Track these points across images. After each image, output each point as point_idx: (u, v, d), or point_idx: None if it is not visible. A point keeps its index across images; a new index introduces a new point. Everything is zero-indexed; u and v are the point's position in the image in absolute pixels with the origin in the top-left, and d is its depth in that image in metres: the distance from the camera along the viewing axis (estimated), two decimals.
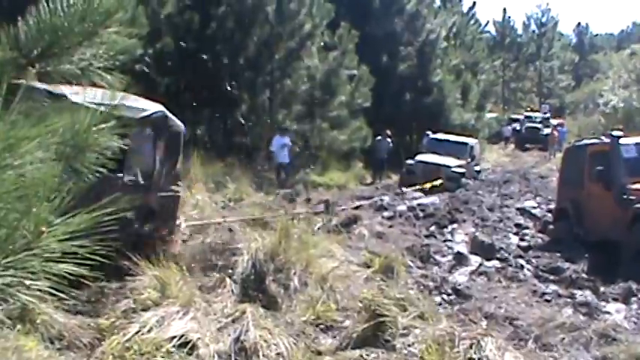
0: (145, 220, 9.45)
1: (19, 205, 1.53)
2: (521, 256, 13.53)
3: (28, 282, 1.62)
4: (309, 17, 25.58)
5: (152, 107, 9.86)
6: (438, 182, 24.66)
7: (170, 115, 10.23)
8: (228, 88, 24.74)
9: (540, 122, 50.85)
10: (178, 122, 10.54)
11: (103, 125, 2.97)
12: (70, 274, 1.69)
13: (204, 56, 24.46)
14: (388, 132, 30.47)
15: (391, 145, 30.55)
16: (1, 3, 15.67)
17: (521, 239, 15.63)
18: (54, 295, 2.02)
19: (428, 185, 23.94)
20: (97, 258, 1.79)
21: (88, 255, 1.72)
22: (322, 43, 27.41)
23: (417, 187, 23.74)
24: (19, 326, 6.29)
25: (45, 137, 1.67)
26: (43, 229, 1.55)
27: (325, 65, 26.88)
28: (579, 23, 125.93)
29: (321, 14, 26.21)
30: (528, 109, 59.41)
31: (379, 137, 30.11)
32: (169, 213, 10.33)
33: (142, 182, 9.43)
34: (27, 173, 1.53)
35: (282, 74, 25.72)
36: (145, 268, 8.27)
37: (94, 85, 3.03)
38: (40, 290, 1.76)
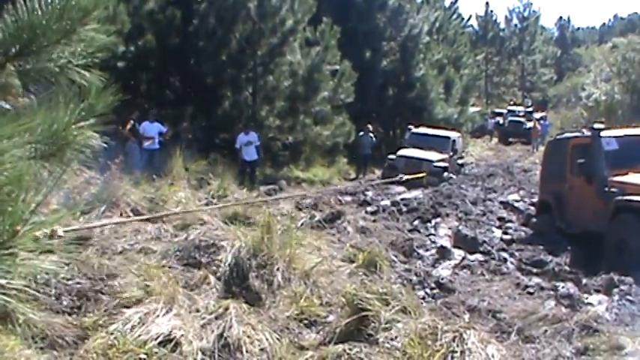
0: None
1: None
2: (504, 250, 13.58)
3: (3, 281, 1.61)
4: (290, 13, 25.55)
5: None
6: (420, 175, 24.67)
7: None
8: (211, 85, 24.69)
9: (523, 116, 51.05)
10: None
11: (83, 123, 2.98)
12: (47, 273, 1.69)
13: (186, 53, 24.41)
14: (370, 127, 30.48)
15: (374, 140, 30.59)
16: None
17: (505, 233, 15.70)
18: (34, 294, 2.02)
19: (407, 177, 23.84)
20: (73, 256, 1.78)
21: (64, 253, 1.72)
22: (304, 39, 27.38)
23: (396, 179, 23.62)
24: (0, 326, 6.27)
25: (20, 136, 1.66)
26: (19, 227, 1.55)
27: (308, 61, 26.85)
28: (561, 17, 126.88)
29: (303, 10, 26.18)
30: (511, 102, 59.64)
31: (362, 133, 30.13)
32: None
33: None
34: (1, 172, 1.52)
35: (264, 70, 25.69)
36: (127, 266, 8.27)
37: (73, 82, 3.02)
38: (17, 290, 1.76)
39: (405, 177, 23.53)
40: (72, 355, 6.42)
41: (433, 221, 16.34)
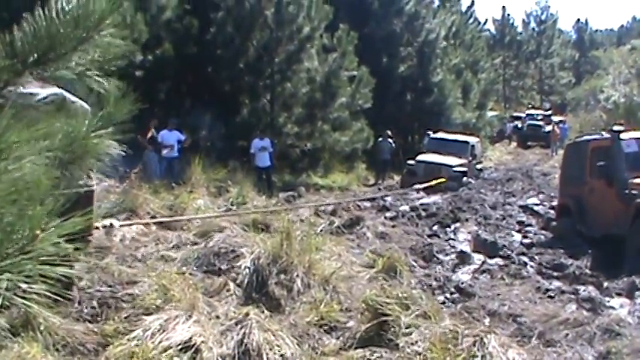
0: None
1: (13, 208, 1.54)
2: (524, 254, 13.51)
3: (24, 285, 1.63)
4: (307, 20, 25.59)
5: (50, 90, 9.89)
6: (440, 180, 24.67)
7: (71, 96, 10.25)
8: (229, 93, 24.76)
9: (542, 119, 50.81)
10: (83, 104, 10.58)
11: (102, 131, 3.00)
12: (67, 277, 1.70)
13: (204, 61, 24.50)
14: (389, 132, 30.46)
15: (393, 145, 30.54)
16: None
17: (524, 236, 15.63)
18: (56, 300, 2.04)
19: (432, 183, 23.93)
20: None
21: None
22: (322, 46, 27.41)
23: (421, 186, 23.70)
24: (22, 333, 6.31)
25: (37, 141, 1.68)
26: (38, 232, 1.56)
27: (325, 67, 26.88)
28: (579, 19, 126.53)
29: (320, 17, 26.21)
30: (530, 106, 59.38)
31: (380, 138, 30.11)
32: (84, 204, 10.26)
33: None
34: (20, 177, 1.54)
35: (282, 77, 25.73)
36: (147, 274, 8.30)
37: (91, 90, 3.05)
38: (37, 294, 1.77)
39: (423, 185, 23.60)
40: None
41: (452, 226, 16.31)
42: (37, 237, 1.57)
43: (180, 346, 6.52)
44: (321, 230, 13.80)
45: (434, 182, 24.11)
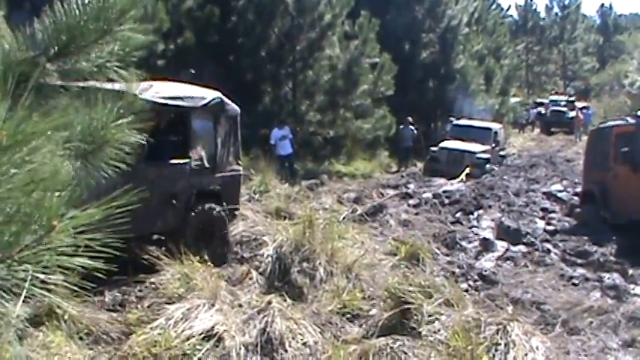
0: (208, 201, 10.17)
1: (30, 199, 1.55)
2: (547, 241, 13.43)
3: (42, 276, 1.64)
4: (328, 7, 25.50)
5: (210, 95, 10.66)
6: (467, 170, 24.69)
7: (226, 99, 10.87)
8: (251, 81, 24.76)
9: (565, 105, 50.43)
10: (234, 106, 11.17)
11: (121, 121, 3.00)
12: (85, 268, 1.70)
13: (226, 50, 24.50)
14: (410, 119, 30.36)
15: (415, 132, 30.44)
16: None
17: (548, 223, 15.54)
18: (79, 290, 2.04)
19: (465, 173, 24.03)
20: (115, 252, 1.80)
21: (103, 248, 1.73)
22: (343, 33, 27.33)
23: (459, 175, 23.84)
24: (46, 322, 6.36)
25: (55, 132, 1.68)
26: (55, 223, 1.57)
27: (347, 55, 26.79)
28: (602, 4, 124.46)
29: (341, 4, 26.11)
30: (553, 92, 58.96)
31: (402, 125, 30.02)
32: (233, 190, 11.00)
33: (207, 165, 10.22)
34: (38, 168, 1.54)
35: (303, 65, 25.69)
36: (168, 262, 8.34)
37: (110, 80, 3.06)
38: (56, 285, 1.78)
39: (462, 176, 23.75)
40: (116, 351, 6.49)
41: (475, 213, 16.24)
42: (55, 228, 1.57)
43: (202, 335, 6.56)
44: (344, 218, 13.80)
45: (462, 174, 24.13)
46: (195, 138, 10.14)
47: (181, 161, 9.83)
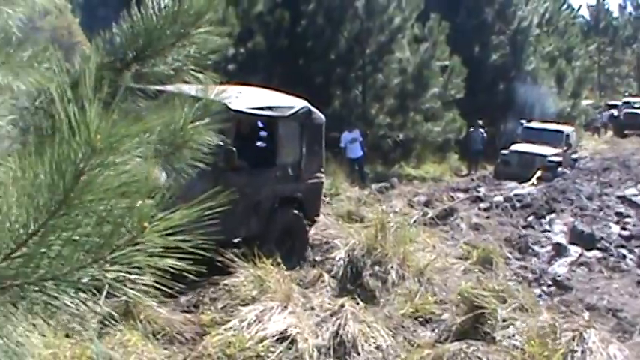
0: (290, 208, 10.37)
1: (122, 201, 1.58)
2: (623, 246, 13.17)
3: (133, 276, 1.67)
4: (398, 10, 25.49)
5: (298, 104, 10.84)
6: (539, 174, 24.42)
7: (313, 108, 10.97)
8: (320, 85, 24.84)
9: (639, 107, 49.38)
10: (320, 114, 11.24)
11: (198, 122, 3.05)
12: (174, 268, 1.74)
13: (295, 54, 24.64)
14: (480, 122, 30.11)
15: (485, 135, 30.19)
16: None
17: (623, 228, 15.21)
18: (158, 290, 2.08)
19: (536, 176, 23.81)
20: (202, 253, 1.83)
21: (192, 250, 1.77)
22: (413, 36, 27.27)
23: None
24: (123, 321, 6.48)
25: (143, 135, 1.72)
26: (146, 224, 1.60)
27: (417, 58, 26.73)
28: None
29: (411, 7, 26.09)
30: (626, 94, 57.84)
31: (472, 128, 29.81)
32: (315, 198, 11.14)
33: (291, 174, 10.39)
34: (128, 170, 1.58)
35: (373, 68, 25.70)
36: (242, 265, 8.42)
37: (186, 83, 3.11)
38: (144, 285, 1.81)
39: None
40: (191, 351, 6.58)
41: (548, 217, 16.00)
42: (145, 229, 1.61)
43: (275, 337, 6.60)
44: (415, 221, 13.76)
45: (534, 178, 23.88)
46: (281, 146, 10.36)
47: (267, 169, 10.03)
